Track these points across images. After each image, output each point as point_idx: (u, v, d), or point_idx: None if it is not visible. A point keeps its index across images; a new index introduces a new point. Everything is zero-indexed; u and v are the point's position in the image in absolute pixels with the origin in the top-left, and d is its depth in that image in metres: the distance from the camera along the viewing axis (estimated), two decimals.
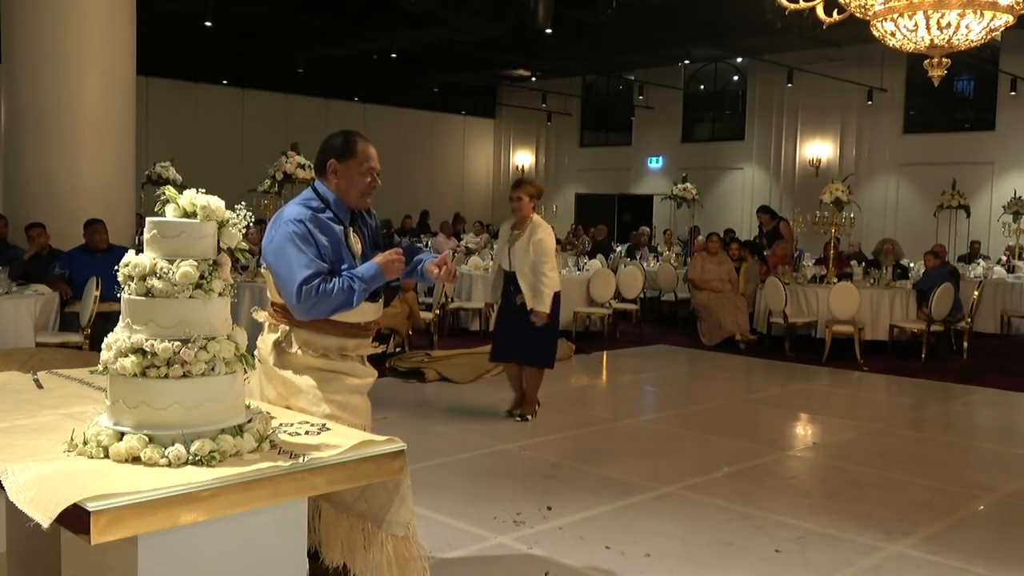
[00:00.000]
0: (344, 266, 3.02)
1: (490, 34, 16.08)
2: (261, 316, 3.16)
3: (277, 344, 3.06)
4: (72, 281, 7.63)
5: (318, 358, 3.04)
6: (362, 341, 3.17)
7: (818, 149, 19.08)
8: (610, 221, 21.11)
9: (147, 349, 2.18)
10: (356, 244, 3.14)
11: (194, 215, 2.29)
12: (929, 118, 18.22)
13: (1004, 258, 13.60)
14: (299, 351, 3.04)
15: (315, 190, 3.14)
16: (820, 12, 5.62)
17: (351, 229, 3.14)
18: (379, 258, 3.05)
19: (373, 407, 3.20)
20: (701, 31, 15.45)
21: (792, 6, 5.57)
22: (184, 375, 2.19)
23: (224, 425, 2.24)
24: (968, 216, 14.01)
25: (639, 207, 21.76)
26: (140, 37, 9.21)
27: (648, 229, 16.64)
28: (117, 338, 2.24)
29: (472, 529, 4.30)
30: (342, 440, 2.42)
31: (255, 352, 3.00)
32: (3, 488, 2.06)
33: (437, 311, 9.67)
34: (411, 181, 21.85)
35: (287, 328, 3.05)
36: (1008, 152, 16.82)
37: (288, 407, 2.98)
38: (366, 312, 3.10)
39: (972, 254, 14.29)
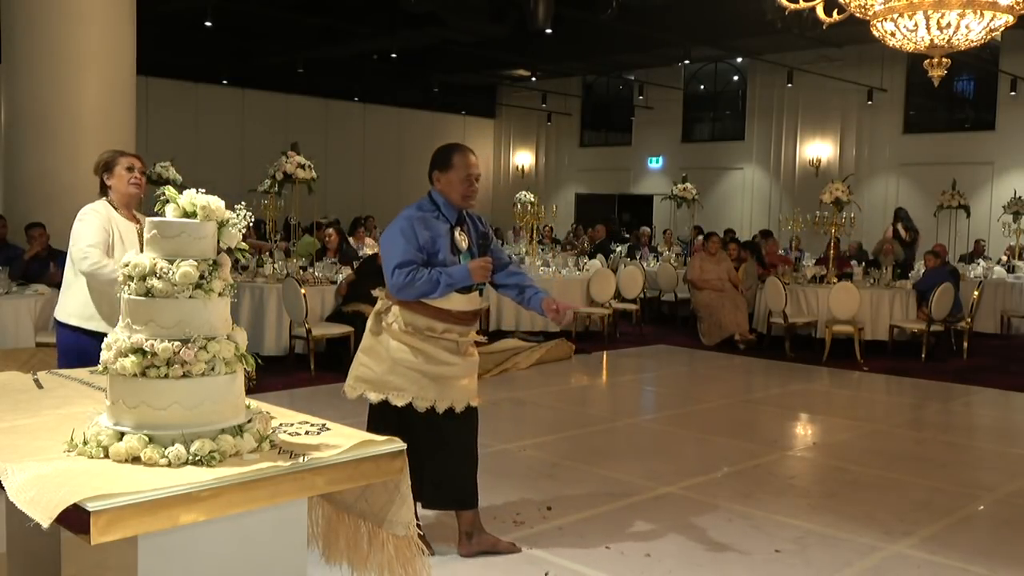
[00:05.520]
0: (441, 256, 3.73)
1: (490, 34, 16.06)
2: (378, 293, 3.89)
3: (377, 314, 3.83)
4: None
5: (405, 333, 3.75)
6: (451, 327, 3.77)
7: (818, 149, 19.08)
8: (611, 221, 21.08)
9: (147, 349, 2.17)
10: (463, 241, 3.83)
11: (194, 215, 2.29)
12: (929, 118, 18.21)
13: (1004, 258, 13.59)
14: (395, 324, 3.76)
15: (430, 196, 3.85)
16: (820, 12, 5.62)
17: (458, 228, 3.83)
18: (472, 262, 3.76)
19: None
20: (701, 31, 15.44)
21: (792, 6, 5.56)
22: (184, 375, 2.19)
23: (224, 425, 2.24)
24: (968, 216, 14.00)
25: (639, 207, 21.76)
26: (140, 37, 9.21)
27: (648, 229, 16.63)
28: (117, 338, 2.24)
29: None
30: (342, 440, 2.42)
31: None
32: (3, 488, 2.06)
33: None
34: (411, 181, 21.80)
35: (390, 304, 3.79)
36: (1008, 152, 16.81)
37: (368, 367, 3.78)
38: (453, 300, 3.75)
39: (976, 253, 14.29)
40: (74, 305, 4.09)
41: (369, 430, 3.65)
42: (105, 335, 2.32)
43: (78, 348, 3.97)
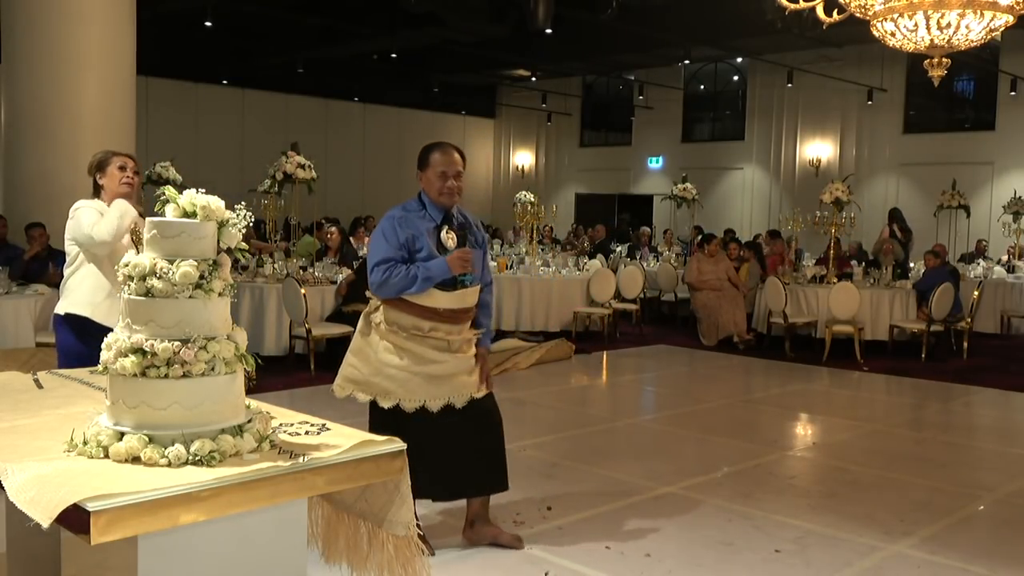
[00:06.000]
0: (423, 255, 3.74)
1: (490, 34, 16.06)
2: (371, 294, 3.89)
3: (366, 315, 3.87)
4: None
5: (391, 332, 3.77)
6: (438, 325, 3.77)
7: (818, 149, 19.08)
8: (610, 221, 21.09)
9: (147, 349, 2.17)
10: (449, 240, 3.82)
11: (194, 215, 2.29)
12: (929, 118, 18.21)
13: (1004, 258, 13.60)
14: (382, 324, 3.79)
15: (419, 195, 3.93)
16: (820, 12, 5.62)
17: (446, 227, 3.84)
18: (450, 255, 3.75)
19: None
20: (701, 31, 15.44)
21: (792, 6, 5.56)
22: (184, 375, 2.19)
23: (224, 425, 2.24)
24: (968, 216, 14.01)
25: (639, 207, 21.76)
26: (140, 37, 9.21)
27: (648, 229, 16.65)
28: (117, 338, 2.24)
29: None
30: (342, 440, 2.42)
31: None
32: (3, 488, 2.06)
33: None
34: (411, 181, 21.64)
35: (379, 304, 3.83)
36: (1008, 152, 16.81)
37: (355, 368, 3.82)
38: (437, 298, 3.75)
39: (977, 252, 14.30)
40: (80, 294, 4.09)
41: (370, 428, 3.69)
42: (104, 330, 2.32)
43: (77, 349, 3.97)
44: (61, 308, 4.15)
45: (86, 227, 3.98)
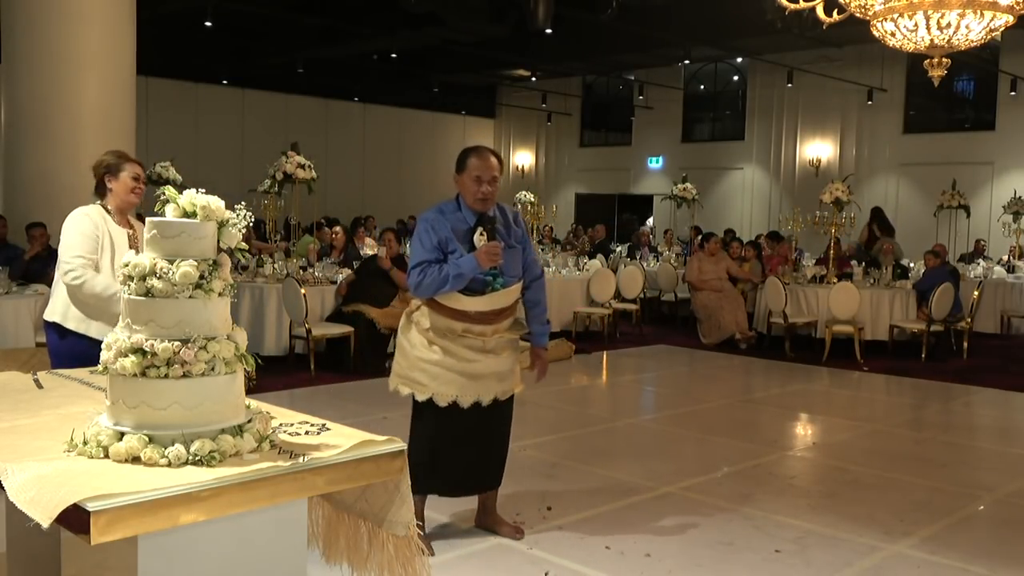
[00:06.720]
0: (457, 255, 3.83)
1: (490, 34, 16.06)
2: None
3: (408, 314, 4.02)
4: None
5: (427, 331, 3.92)
6: (471, 327, 3.88)
7: (818, 149, 19.08)
8: (610, 221, 21.10)
9: (147, 349, 2.17)
10: (482, 240, 3.85)
11: (194, 215, 2.29)
12: (929, 118, 18.21)
13: (1005, 258, 13.60)
14: (420, 322, 3.94)
15: (456, 196, 4.00)
16: (820, 12, 5.62)
17: (479, 228, 3.88)
18: (478, 249, 3.82)
19: (373, 407, 3.26)
20: (701, 31, 15.45)
21: (792, 6, 5.56)
22: (184, 375, 2.19)
23: (224, 425, 2.24)
24: (968, 216, 14.01)
25: (639, 207, 21.75)
26: (140, 37, 9.21)
27: (648, 229, 16.63)
28: (117, 338, 2.24)
29: (472, 529, 4.31)
30: (342, 440, 2.42)
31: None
32: (3, 488, 2.06)
33: None
34: (411, 181, 21.84)
35: (420, 304, 3.97)
36: (1008, 152, 16.81)
37: (398, 363, 3.99)
38: (466, 303, 3.86)
39: (976, 252, 14.30)
40: (59, 304, 4.09)
41: (412, 418, 4.05)
42: (88, 338, 2.32)
43: (68, 352, 3.96)
44: (46, 313, 4.15)
45: (69, 255, 3.91)
